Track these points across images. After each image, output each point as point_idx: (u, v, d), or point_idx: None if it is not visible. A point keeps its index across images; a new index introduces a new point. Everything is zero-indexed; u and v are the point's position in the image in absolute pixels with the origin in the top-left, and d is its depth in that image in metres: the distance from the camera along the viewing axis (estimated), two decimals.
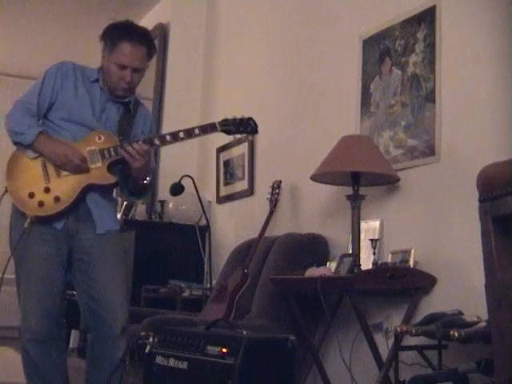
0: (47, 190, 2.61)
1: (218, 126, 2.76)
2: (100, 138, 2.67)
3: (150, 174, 2.79)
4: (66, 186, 2.63)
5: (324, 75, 3.87)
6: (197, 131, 2.72)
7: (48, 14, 6.28)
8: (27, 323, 2.62)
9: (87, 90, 2.72)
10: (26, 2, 6.04)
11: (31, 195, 2.60)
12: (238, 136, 2.88)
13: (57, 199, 2.61)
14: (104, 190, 2.74)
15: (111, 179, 2.70)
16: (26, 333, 2.62)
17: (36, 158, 2.64)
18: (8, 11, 6.18)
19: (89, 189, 2.66)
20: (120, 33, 2.69)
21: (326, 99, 3.83)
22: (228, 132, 2.81)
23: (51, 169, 2.63)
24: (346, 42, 3.70)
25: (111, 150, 2.66)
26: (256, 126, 2.83)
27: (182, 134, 2.70)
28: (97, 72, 2.76)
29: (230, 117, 2.79)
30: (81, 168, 2.62)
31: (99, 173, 2.66)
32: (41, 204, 2.60)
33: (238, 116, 2.80)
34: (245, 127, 2.81)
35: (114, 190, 3.07)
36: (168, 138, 2.70)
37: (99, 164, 2.65)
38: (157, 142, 2.70)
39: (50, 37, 6.70)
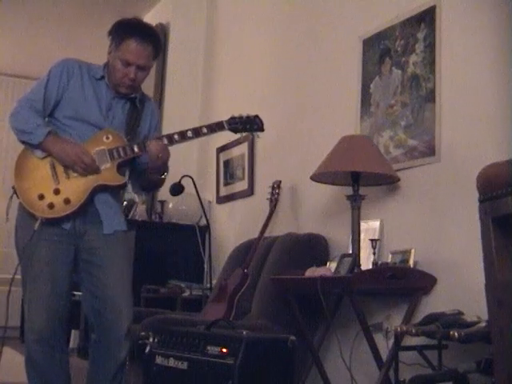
0: (57, 192, 2.57)
1: (225, 124, 2.73)
2: (108, 138, 2.63)
3: (168, 169, 2.73)
4: (76, 187, 2.58)
5: (324, 75, 3.87)
6: (205, 130, 2.69)
7: (48, 15, 6.28)
8: (32, 324, 2.60)
9: (93, 87, 2.68)
10: (26, 2, 6.04)
11: (41, 197, 2.55)
12: (244, 134, 2.84)
13: (67, 201, 2.56)
14: (112, 191, 2.69)
15: (121, 180, 2.66)
16: (30, 333, 2.60)
17: (45, 157, 2.59)
18: (8, 11, 6.17)
19: (97, 189, 2.63)
20: (127, 29, 2.67)
21: (325, 99, 3.83)
22: (235, 130, 2.78)
23: (60, 169, 2.59)
24: (346, 42, 3.70)
25: (120, 149, 2.61)
26: (262, 123, 2.80)
27: (189, 133, 2.67)
28: (103, 69, 2.73)
29: (236, 115, 2.76)
30: (92, 167, 2.58)
31: (109, 173, 2.62)
32: (51, 206, 2.55)
33: (245, 114, 2.77)
34: (251, 125, 2.78)
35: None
36: (176, 137, 2.66)
37: (108, 164, 2.61)
38: (165, 141, 2.65)
39: (50, 37, 6.71)
